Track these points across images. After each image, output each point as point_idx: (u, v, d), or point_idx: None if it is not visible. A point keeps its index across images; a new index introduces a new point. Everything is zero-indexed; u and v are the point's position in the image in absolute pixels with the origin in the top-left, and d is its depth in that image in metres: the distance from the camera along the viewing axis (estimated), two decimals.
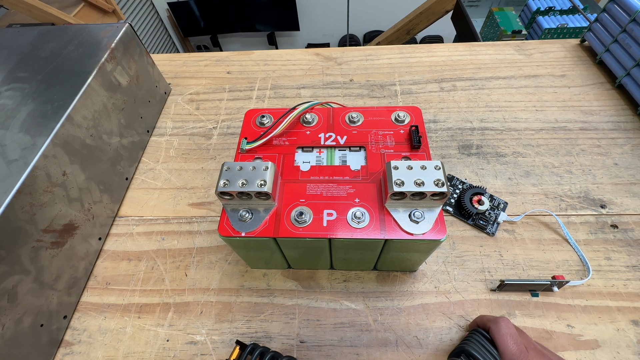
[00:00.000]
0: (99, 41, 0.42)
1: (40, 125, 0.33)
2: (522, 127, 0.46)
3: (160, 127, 0.51)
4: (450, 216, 0.39)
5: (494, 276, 0.35)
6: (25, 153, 0.31)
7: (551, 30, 0.90)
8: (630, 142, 0.44)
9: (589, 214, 0.38)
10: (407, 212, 0.26)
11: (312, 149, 0.32)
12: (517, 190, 0.40)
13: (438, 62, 0.56)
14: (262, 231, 0.26)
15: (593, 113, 0.47)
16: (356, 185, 0.29)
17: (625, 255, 0.35)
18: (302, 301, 0.35)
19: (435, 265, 0.36)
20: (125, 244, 0.40)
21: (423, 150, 0.30)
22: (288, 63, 0.58)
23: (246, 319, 0.34)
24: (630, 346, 0.31)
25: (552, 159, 0.43)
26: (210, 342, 0.33)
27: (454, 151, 0.45)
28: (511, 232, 0.38)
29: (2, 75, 0.39)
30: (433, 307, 0.34)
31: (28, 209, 0.30)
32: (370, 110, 0.34)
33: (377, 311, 0.34)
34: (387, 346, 0.32)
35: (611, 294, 0.33)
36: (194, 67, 0.60)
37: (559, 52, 0.55)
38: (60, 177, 0.33)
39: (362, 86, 0.54)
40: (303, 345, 0.33)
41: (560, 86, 0.50)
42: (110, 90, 0.41)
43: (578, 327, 0.32)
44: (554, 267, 0.35)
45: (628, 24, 0.46)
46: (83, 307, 0.36)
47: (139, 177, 0.46)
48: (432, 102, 0.50)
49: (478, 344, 0.26)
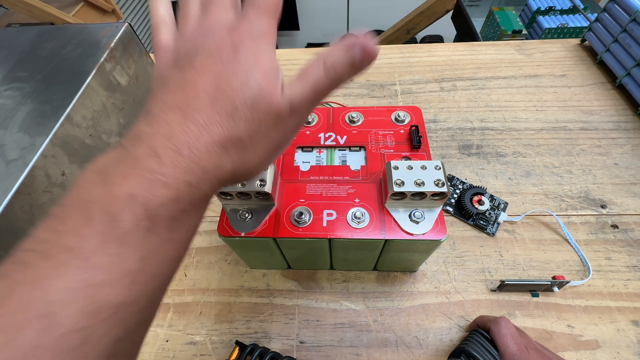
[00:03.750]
0: (99, 41, 0.42)
1: (39, 125, 0.33)
2: (522, 127, 0.46)
3: None
4: (450, 216, 0.39)
5: (494, 276, 0.35)
6: (24, 153, 0.31)
7: (551, 30, 0.90)
8: (630, 142, 0.44)
9: (589, 214, 0.38)
10: (407, 212, 0.26)
11: (312, 149, 0.32)
12: (517, 190, 0.40)
13: (438, 62, 0.56)
14: (262, 231, 0.26)
15: (593, 113, 0.47)
16: (356, 185, 0.28)
17: (625, 255, 0.35)
18: (302, 301, 0.35)
19: (436, 265, 0.36)
20: None
21: (423, 150, 0.30)
22: (288, 63, 0.58)
23: (246, 319, 0.34)
24: (630, 346, 0.30)
25: (553, 159, 0.43)
26: (209, 342, 0.33)
27: (454, 151, 0.44)
28: (511, 232, 0.38)
29: (1, 75, 0.39)
30: (433, 308, 0.34)
31: (27, 209, 0.30)
32: (370, 110, 0.34)
33: (377, 311, 0.34)
34: (387, 346, 0.32)
35: (611, 294, 0.33)
36: None
37: (559, 52, 0.55)
38: (60, 177, 0.33)
39: (362, 86, 0.54)
40: (303, 345, 0.32)
41: (561, 86, 0.50)
42: (109, 90, 0.41)
43: (578, 328, 0.32)
44: (554, 267, 0.35)
45: (628, 24, 0.46)
46: None
47: None
48: (432, 102, 0.50)
49: (478, 344, 0.26)
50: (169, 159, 0.13)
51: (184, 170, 0.14)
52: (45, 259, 0.12)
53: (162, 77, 0.16)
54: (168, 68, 0.17)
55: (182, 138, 0.14)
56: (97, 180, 0.13)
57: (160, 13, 0.19)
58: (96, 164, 0.14)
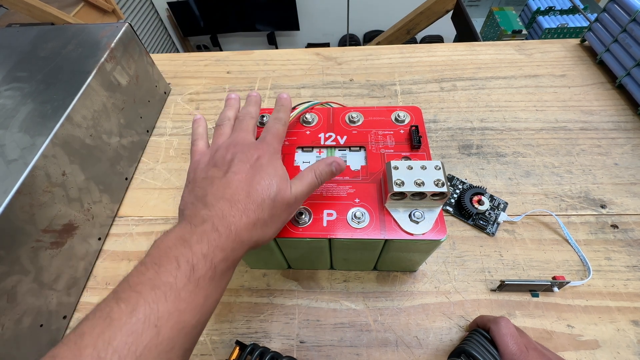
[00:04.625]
0: (99, 41, 0.42)
1: (39, 125, 0.33)
2: (522, 127, 0.46)
3: (160, 127, 0.51)
4: (450, 216, 0.39)
5: (494, 276, 0.35)
6: (24, 153, 0.31)
7: (551, 30, 0.90)
8: (630, 142, 0.44)
9: (589, 214, 0.38)
10: (407, 212, 0.26)
11: (312, 149, 0.32)
12: (517, 190, 0.40)
13: (438, 62, 0.56)
14: None
15: (593, 113, 0.47)
16: (356, 185, 0.28)
17: (625, 255, 0.35)
18: (302, 301, 0.35)
19: (435, 265, 0.36)
20: (125, 244, 0.40)
21: (423, 150, 0.30)
22: (288, 63, 0.58)
23: (246, 319, 0.34)
24: (630, 346, 0.31)
25: (552, 159, 0.43)
26: (210, 342, 0.33)
27: (454, 151, 0.44)
28: (511, 232, 0.38)
29: (2, 75, 0.39)
30: (433, 307, 0.34)
31: (27, 209, 0.30)
32: (370, 110, 0.34)
33: (377, 311, 0.34)
34: (387, 346, 0.32)
35: (611, 294, 0.33)
36: (194, 67, 0.60)
37: (559, 52, 0.55)
38: (60, 177, 0.33)
39: (362, 86, 0.54)
40: (303, 345, 0.32)
41: (561, 86, 0.50)
42: (109, 90, 0.41)
43: (578, 327, 0.32)
44: (554, 267, 0.35)
45: (628, 24, 0.46)
46: (83, 307, 0.36)
47: (139, 177, 0.46)
48: (432, 102, 0.50)
49: (478, 344, 0.26)
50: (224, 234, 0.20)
51: (232, 240, 0.20)
52: (152, 288, 0.18)
53: (205, 175, 0.24)
54: (207, 167, 0.25)
55: (230, 219, 0.21)
56: (180, 242, 0.19)
57: (199, 131, 0.29)
58: (176, 233, 0.20)
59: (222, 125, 0.28)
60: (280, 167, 0.24)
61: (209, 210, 0.21)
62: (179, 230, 0.20)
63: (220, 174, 0.23)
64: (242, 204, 0.21)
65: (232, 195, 0.22)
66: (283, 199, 0.23)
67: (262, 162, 0.24)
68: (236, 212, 0.21)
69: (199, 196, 0.23)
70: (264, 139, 0.26)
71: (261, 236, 0.23)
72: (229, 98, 0.31)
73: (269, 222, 0.23)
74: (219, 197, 0.22)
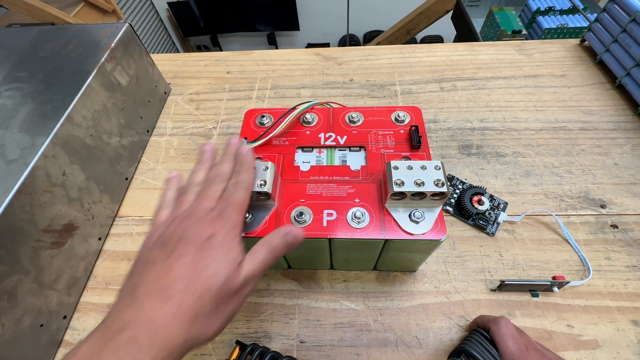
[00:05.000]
0: (99, 41, 0.42)
1: (39, 125, 0.33)
2: (522, 127, 0.46)
3: (160, 127, 0.51)
4: (450, 216, 0.39)
5: (494, 276, 0.35)
6: (24, 153, 0.31)
7: (551, 30, 0.90)
8: (630, 142, 0.44)
9: (589, 214, 0.38)
10: (407, 212, 0.26)
11: (312, 149, 0.32)
12: (517, 190, 0.40)
13: (438, 62, 0.56)
14: (262, 231, 0.26)
15: (593, 113, 0.47)
16: (356, 185, 0.29)
17: (625, 255, 0.35)
18: (302, 301, 0.35)
19: (435, 265, 0.36)
20: (125, 244, 0.40)
21: (423, 150, 0.30)
22: (288, 63, 0.58)
23: (246, 319, 0.34)
24: (630, 346, 0.31)
25: (552, 159, 0.43)
26: (210, 342, 0.33)
27: (454, 151, 0.45)
28: (511, 232, 0.38)
29: (2, 75, 0.39)
30: (433, 307, 0.34)
31: (28, 209, 0.30)
32: (370, 110, 0.34)
33: (377, 311, 0.34)
34: (387, 346, 0.32)
35: (611, 294, 0.33)
36: (194, 67, 0.60)
37: (559, 52, 0.55)
38: (60, 177, 0.33)
39: (362, 86, 0.54)
40: (303, 345, 0.33)
41: (560, 86, 0.50)
42: (110, 90, 0.41)
43: (578, 327, 0.32)
44: (554, 267, 0.35)
45: (628, 24, 0.46)
46: (83, 307, 0.36)
47: (139, 177, 0.46)
48: (432, 102, 0.50)
49: (478, 344, 0.26)
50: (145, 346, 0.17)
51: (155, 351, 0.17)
52: None
53: (148, 255, 0.21)
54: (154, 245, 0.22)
55: (158, 323, 0.18)
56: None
57: (167, 197, 0.26)
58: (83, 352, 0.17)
59: (186, 193, 0.25)
60: (234, 247, 0.22)
61: (134, 310, 0.18)
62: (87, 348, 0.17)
63: (163, 256, 0.20)
64: (178, 297, 0.19)
65: (167, 286, 0.19)
66: (230, 288, 0.20)
67: (214, 242, 0.21)
68: (168, 310, 0.18)
69: (131, 286, 0.20)
70: (222, 212, 0.22)
71: (203, 332, 0.20)
72: (203, 152, 0.28)
73: (214, 315, 0.20)
74: (151, 290, 0.19)
